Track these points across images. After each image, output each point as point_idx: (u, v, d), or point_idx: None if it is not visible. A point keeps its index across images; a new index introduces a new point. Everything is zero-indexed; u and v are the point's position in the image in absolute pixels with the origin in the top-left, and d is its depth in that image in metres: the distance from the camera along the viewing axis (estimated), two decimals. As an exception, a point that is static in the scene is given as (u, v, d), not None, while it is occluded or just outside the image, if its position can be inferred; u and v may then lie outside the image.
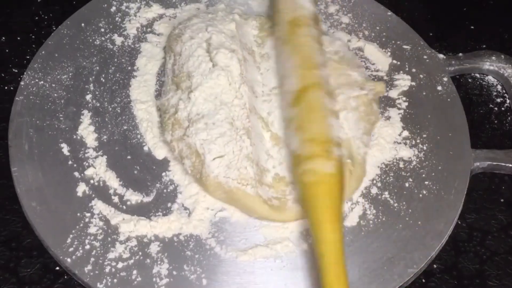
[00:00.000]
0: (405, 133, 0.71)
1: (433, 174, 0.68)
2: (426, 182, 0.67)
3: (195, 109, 0.67)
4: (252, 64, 0.73)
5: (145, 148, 0.69)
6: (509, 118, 0.78)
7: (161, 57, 0.77)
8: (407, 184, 0.67)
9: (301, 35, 0.69)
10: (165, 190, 0.66)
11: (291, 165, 0.63)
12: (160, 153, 0.68)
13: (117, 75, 0.74)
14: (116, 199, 0.64)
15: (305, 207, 0.59)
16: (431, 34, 0.85)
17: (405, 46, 0.79)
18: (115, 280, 0.59)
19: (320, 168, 0.59)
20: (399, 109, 0.73)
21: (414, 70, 0.77)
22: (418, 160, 0.69)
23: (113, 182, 0.66)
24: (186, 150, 0.66)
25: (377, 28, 0.81)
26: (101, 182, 0.65)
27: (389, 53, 0.78)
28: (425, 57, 0.78)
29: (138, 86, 0.74)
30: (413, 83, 0.75)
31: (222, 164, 0.63)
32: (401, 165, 0.69)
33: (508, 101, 0.79)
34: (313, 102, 0.64)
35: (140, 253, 0.61)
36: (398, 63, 0.77)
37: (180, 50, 0.73)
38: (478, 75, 0.82)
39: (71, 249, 0.60)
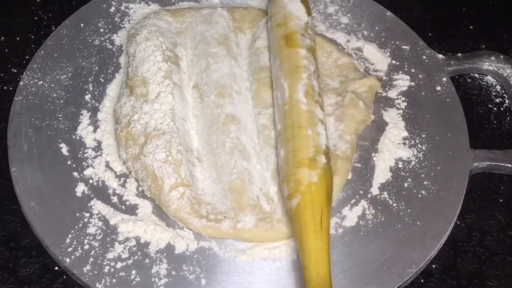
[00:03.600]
0: (404, 133, 0.71)
1: (432, 174, 0.68)
2: (425, 182, 0.67)
3: (153, 123, 0.66)
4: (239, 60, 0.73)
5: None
6: (508, 118, 0.78)
7: None
8: (406, 184, 0.67)
9: (294, 56, 0.69)
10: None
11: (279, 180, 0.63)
12: None
13: (116, 75, 0.74)
14: (115, 199, 0.64)
15: (290, 218, 0.60)
16: (430, 34, 0.85)
17: (404, 46, 0.79)
18: (114, 280, 0.59)
19: (301, 178, 0.59)
20: (398, 109, 0.73)
21: (413, 70, 0.77)
22: (417, 160, 0.69)
23: (112, 182, 0.65)
24: (142, 172, 0.64)
25: (376, 28, 0.81)
26: (100, 182, 0.65)
27: (388, 53, 0.78)
28: (424, 57, 0.78)
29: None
30: (412, 83, 0.75)
31: (185, 195, 0.62)
32: (400, 165, 0.69)
33: (507, 101, 0.79)
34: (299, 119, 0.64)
35: (139, 253, 0.61)
36: (397, 63, 0.77)
37: (134, 52, 0.72)
38: (477, 75, 0.82)
39: (70, 249, 0.60)
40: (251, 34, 0.77)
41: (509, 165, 0.70)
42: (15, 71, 0.78)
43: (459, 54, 0.81)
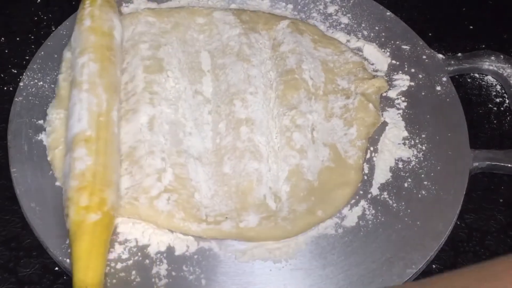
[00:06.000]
0: (404, 133, 0.71)
1: (432, 174, 0.68)
2: (425, 182, 0.67)
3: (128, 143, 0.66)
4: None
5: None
6: (508, 118, 0.78)
7: None
8: (406, 185, 0.67)
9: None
10: (164, 191, 0.65)
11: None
12: None
13: (116, 75, 0.74)
14: (115, 199, 0.64)
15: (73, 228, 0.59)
16: (430, 34, 0.85)
17: (404, 46, 0.79)
18: (114, 281, 0.59)
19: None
20: (398, 109, 0.73)
21: (413, 70, 0.77)
22: (417, 160, 0.69)
23: (112, 182, 0.65)
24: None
25: (376, 28, 0.81)
26: (100, 183, 0.65)
27: (388, 53, 0.78)
28: (424, 57, 0.78)
29: None
30: (412, 83, 0.75)
31: (171, 200, 0.62)
32: (400, 165, 0.69)
33: (507, 101, 0.79)
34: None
35: (139, 253, 0.61)
36: (397, 63, 0.77)
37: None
38: (477, 75, 0.82)
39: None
40: (267, 35, 0.77)
41: (510, 165, 0.70)
42: (15, 71, 0.78)
43: (459, 54, 0.81)
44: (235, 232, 0.61)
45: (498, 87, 0.80)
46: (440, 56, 0.79)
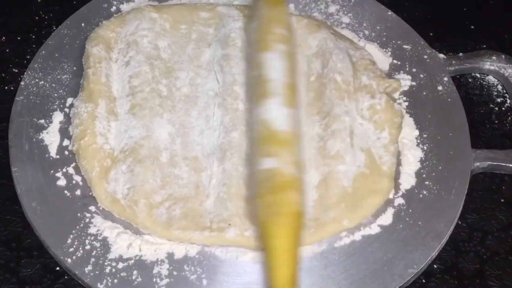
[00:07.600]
0: (406, 133, 0.71)
1: (433, 174, 0.68)
2: (427, 182, 0.67)
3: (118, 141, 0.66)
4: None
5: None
6: (509, 118, 0.78)
7: None
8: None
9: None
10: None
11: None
12: None
13: (117, 75, 0.74)
14: (116, 199, 0.64)
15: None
16: (431, 34, 0.85)
17: (405, 46, 0.79)
18: (115, 281, 0.59)
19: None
20: (399, 109, 0.73)
21: (414, 70, 0.77)
22: (418, 160, 0.69)
23: (113, 182, 0.65)
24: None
25: (378, 28, 0.81)
26: (101, 182, 0.65)
27: (389, 53, 0.78)
28: (425, 57, 0.78)
29: None
30: (414, 83, 0.75)
31: (172, 208, 0.61)
32: (402, 165, 0.69)
33: (508, 101, 0.79)
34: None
35: (140, 253, 0.61)
36: (399, 63, 0.77)
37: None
38: (478, 75, 0.82)
39: (71, 250, 0.60)
40: None
41: (511, 165, 0.70)
42: (16, 71, 0.78)
43: (460, 54, 0.81)
44: (239, 240, 0.60)
45: (499, 87, 0.80)
46: (441, 56, 0.79)
